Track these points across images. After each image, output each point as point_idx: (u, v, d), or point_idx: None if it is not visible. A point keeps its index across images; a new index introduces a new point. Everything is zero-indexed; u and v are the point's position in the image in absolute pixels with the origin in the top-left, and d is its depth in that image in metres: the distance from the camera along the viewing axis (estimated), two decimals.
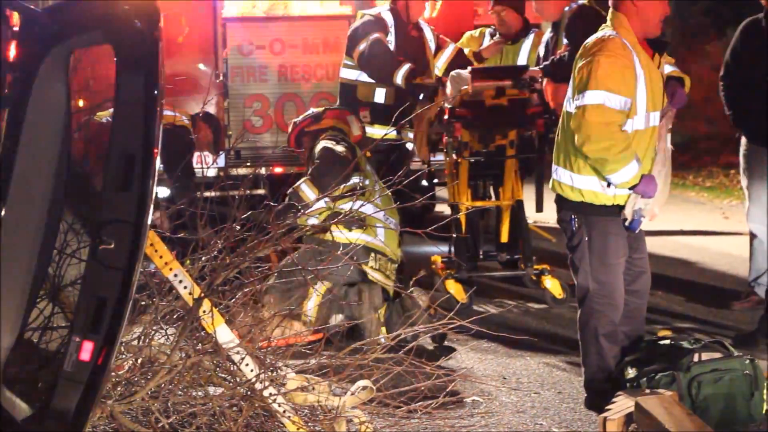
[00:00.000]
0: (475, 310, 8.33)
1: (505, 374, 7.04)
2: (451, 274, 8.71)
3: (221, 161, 10.67)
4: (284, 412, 5.33)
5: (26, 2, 4.45)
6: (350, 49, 9.31)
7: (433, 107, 8.90)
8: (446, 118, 8.76)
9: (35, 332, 5.27)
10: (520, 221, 9.02)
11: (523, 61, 9.37)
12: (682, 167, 17.01)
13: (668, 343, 6.13)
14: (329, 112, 8.51)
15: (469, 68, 8.92)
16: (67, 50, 4.42)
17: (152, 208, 4.22)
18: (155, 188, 4.24)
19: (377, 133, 8.93)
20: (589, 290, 6.23)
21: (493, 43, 9.62)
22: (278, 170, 10.76)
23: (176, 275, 5.23)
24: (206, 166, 10.09)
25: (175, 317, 5.55)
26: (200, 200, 5.65)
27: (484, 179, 9.24)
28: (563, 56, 8.28)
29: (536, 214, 9.40)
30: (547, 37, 8.95)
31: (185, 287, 5.24)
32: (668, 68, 6.44)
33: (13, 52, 4.36)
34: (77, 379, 4.15)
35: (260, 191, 10.49)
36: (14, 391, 4.31)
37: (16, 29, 4.40)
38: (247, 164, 10.69)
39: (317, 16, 11.11)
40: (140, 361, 5.38)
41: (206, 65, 10.90)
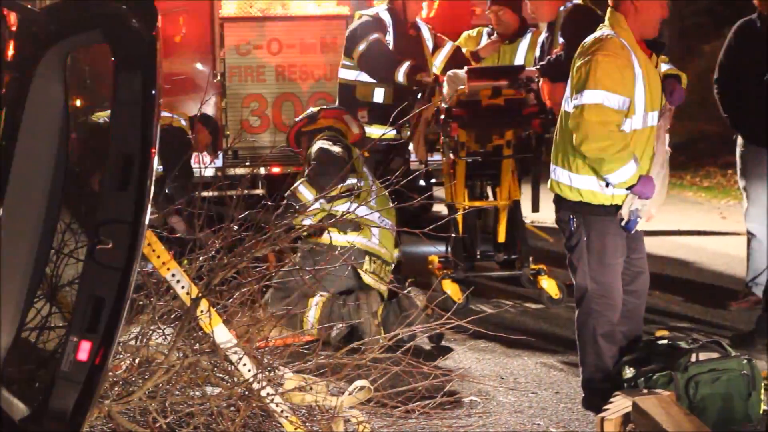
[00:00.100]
0: (472, 310, 8.33)
1: (502, 374, 7.04)
2: (447, 274, 8.71)
3: (219, 161, 10.67)
4: (282, 412, 5.33)
5: (24, 2, 4.45)
6: (349, 49, 9.30)
7: (430, 107, 8.90)
8: (443, 117, 8.77)
9: (33, 332, 5.27)
10: (517, 221, 9.01)
11: (520, 60, 9.36)
12: (679, 167, 17.02)
13: (666, 343, 6.14)
14: (324, 111, 8.49)
15: (465, 68, 8.91)
16: (64, 50, 4.42)
17: (150, 208, 4.22)
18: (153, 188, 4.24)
19: (376, 133, 8.93)
20: (587, 290, 6.23)
21: (489, 42, 9.61)
22: (276, 170, 10.75)
23: (174, 275, 5.23)
24: (204, 166, 10.09)
25: (172, 317, 5.55)
26: (198, 200, 5.66)
27: (481, 179, 9.24)
28: (559, 55, 8.29)
29: (533, 214, 9.40)
30: (542, 37, 8.96)
31: (183, 287, 5.24)
32: (664, 66, 6.45)
33: (10, 51, 4.36)
34: (75, 379, 4.15)
35: (258, 191, 10.49)
36: (12, 391, 4.31)
37: (13, 29, 4.40)
38: (246, 164, 10.68)
39: (315, 15, 11.10)
40: (138, 360, 5.38)
41: (204, 65, 10.90)
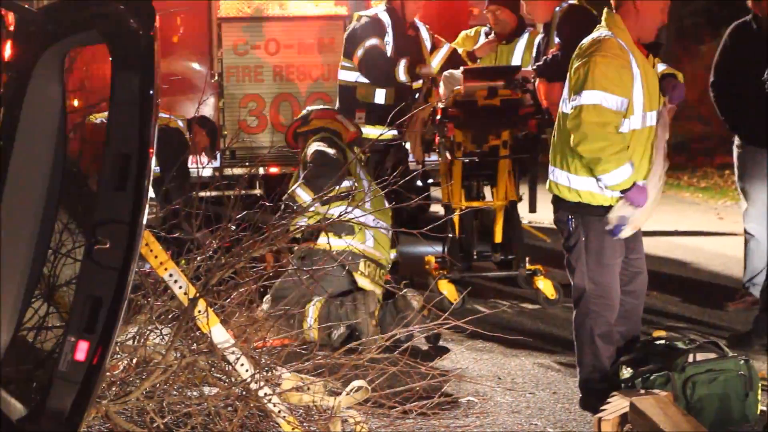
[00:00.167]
0: (470, 310, 8.33)
1: (500, 374, 7.04)
2: (443, 274, 8.71)
3: (217, 161, 10.66)
4: (279, 412, 5.33)
5: (22, 2, 4.45)
6: (348, 51, 9.28)
7: (426, 107, 8.90)
8: (438, 118, 8.77)
9: (31, 332, 5.27)
10: (513, 222, 9.02)
11: (517, 61, 9.36)
12: (676, 168, 17.02)
13: (663, 343, 6.14)
14: (316, 113, 8.47)
15: (461, 68, 8.92)
16: (62, 50, 4.42)
17: (147, 207, 4.22)
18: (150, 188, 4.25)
19: (376, 133, 8.92)
20: (585, 291, 6.23)
21: (486, 42, 9.60)
22: (274, 170, 10.75)
23: (171, 275, 5.23)
24: (202, 166, 10.08)
25: (170, 317, 5.54)
26: (195, 200, 5.66)
27: (477, 180, 9.24)
28: (555, 55, 8.30)
29: (530, 214, 9.40)
30: (538, 38, 8.96)
31: (180, 287, 5.24)
32: (660, 66, 6.46)
33: (8, 51, 4.36)
34: (72, 379, 4.15)
35: (256, 191, 10.48)
36: (10, 390, 4.31)
37: (11, 29, 4.40)
38: (245, 164, 10.67)
39: (312, 16, 11.11)
40: (135, 361, 5.38)
41: (201, 65, 10.90)
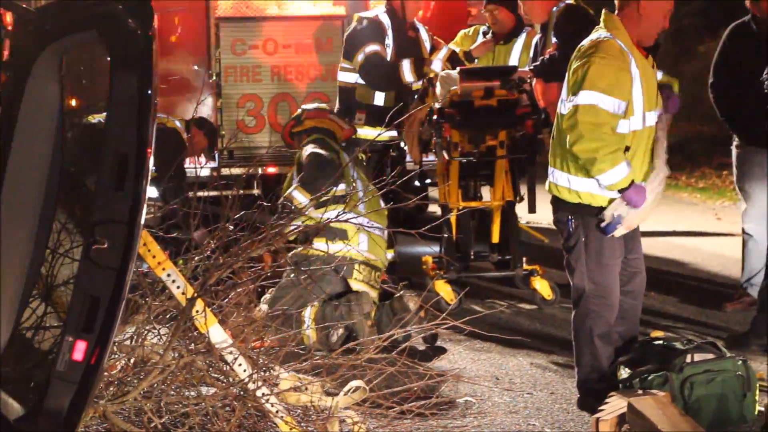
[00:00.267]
0: (467, 310, 8.33)
1: (497, 375, 7.04)
2: (440, 274, 8.71)
3: (215, 161, 10.66)
4: (277, 412, 5.33)
5: (19, 1, 4.45)
6: (348, 53, 9.27)
7: (423, 108, 8.90)
8: (435, 118, 8.77)
9: (28, 332, 5.26)
10: (510, 222, 9.01)
11: (514, 61, 9.36)
12: (674, 168, 16.95)
13: (661, 343, 6.14)
14: (307, 113, 8.45)
15: (458, 68, 8.92)
16: (60, 49, 4.42)
17: (145, 207, 4.22)
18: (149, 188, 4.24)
19: (374, 134, 8.91)
20: (585, 291, 6.23)
21: (482, 42, 9.60)
22: (272, 170, 10.75)
23: (169, 275, 5.23)
24: (199, 166, 10.08)
25: (167, 317, 5.54)
26: (193, 200, 5.65)
27: (474, 180, 9.24)
28: (553, 55, 8.30)
29: (529, 214, 9.39)
30: (536, 38, 8.96)
31: (178, 287, 5.24)
32: (657, 74, 6.45)
33: (6, 51, 4.36)
34: (70, 378, 4.15)
35: (254, 191, 10.48)
36: (7, 390, 4.31)
37: (9, 28, 4.40)
38: (244, 164, 10.66)
39: (310, 16, 11.10)
40: (133, 360, 5.37)
41: (199, 65, 10.89)
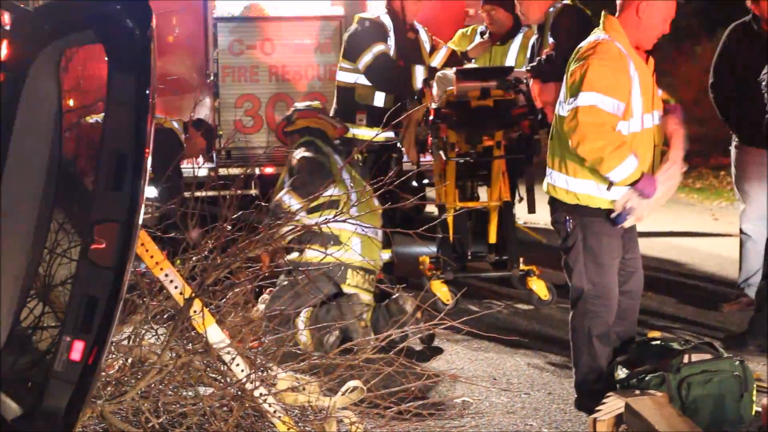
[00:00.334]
0: (465, 310, 8.32)
1: (495, 375, 7.04)
2: (436, 275, 8.71)
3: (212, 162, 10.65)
4: (275, 412, 5.33)
5: (17, 1, 4.44)
6: (350, 54, 9.24)
7: (420, 108, 8.90)
8: (431, 118, 8.78)
9: (26, 332, 5.26)
10: (507, 222, 9.01)
11: (511, 62, 9.37)
12: None
13: (658, 344, 6.15)
14: (299, 113, 8.42)
15: (454, 69, 8.93)
16: (58, 50, 4.41)
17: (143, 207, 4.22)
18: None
19: (372, 135, 8.90)
20: (583, 291, 6.24)
21: (479, 43, 9.61)
22: (269, 170, 10.74)
23: (167, 275, 5.23)
24: (197, 166, 10.07)
25: (165, 317, 5.55)
26: (191, 200, 5.65)
27: (472, 180, 9.24)
28: (550, 55, 8.31)
29: (529, 215, 9.39)
30: (533, 39, 8.96)
31: (176, 287, 5.24)
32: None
33: (4, 51, 4.35)
34: (67, 378, 4.14)
35: (252, 191, 10.47)
36: (5, 390, 4.31)
37: (6, 28, 4.40)
38: (242, 164, 10.65)
39: (308, 16, 11.10)
40: (130, 360, 5.38)
41: (197, 65, 10.88)
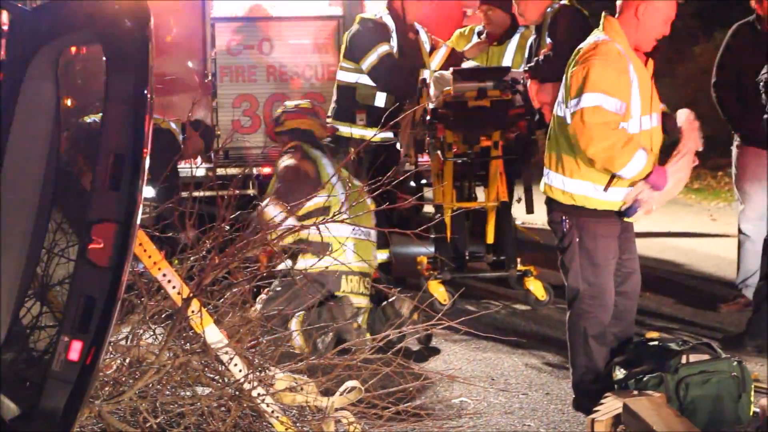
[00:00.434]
0: (462, 310, 8.32)
1: (493, 375, 7.04)
2: (433, 275, 8.71)
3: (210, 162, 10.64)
4: (273, 412, 5.33)
5: (15, 1, 4.44)
6: (352, 53, 9.23)
7: (418, 109, 8.90)
8: (428, 119, 8.78)
9: (24, 332, 5.25)
10: (505, 222, 9.01)
11: (508, 62, 9.37)
12: None
13: (656, 344, 6.15)
14: (286, 114, 8.39)
15: (451, 69, 8.93)
16: (56, 50, 4.41)
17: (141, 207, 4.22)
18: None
19: (371, 135, 8.89)
20: (579, 291, 6.24)
21: (475, 44, 9.61)
22: (267, 170, 10.73)
23: (165, 275, 5.23)
24: (195, 166, 10.06)
25: (163, 317, 5.54)
26: (188, 200, 5.65)
27: (469, 180, 9.24)
28: (547, 55, 8.30)
29: (527, 215, 9.38)
30: (530, 39, 8.96)
31: (174, 287, 5.23)
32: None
33: (2, 51, 4.35)
34: (65, 378, 4.14)
35: (249, 191, 10.47)
36: (3, 390, 4.30)
37: (4, 28, 4.39)
38: (240, 164, 10.65)
39: (306, 16, 11.10)
40: (128, 360, 5.37)
41: (195, 65, 10.88)
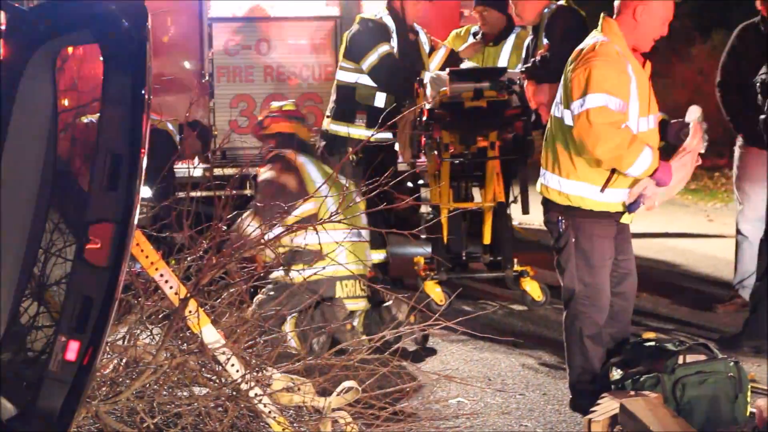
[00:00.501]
0: (459, 311, 8.33)
1: (490, 375, 7.04)
2: (430, 275, 8.71)
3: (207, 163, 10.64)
4: (270, 412, 5.33)
5: (13, 1, 4.44)
6: (352, 53, 9.23)
7: (415, 109, 8.90)
8: (425, 119, 8.78)
9: (21, 332, 5.26)
10: (502, 223, 9.01)
11: (504, 62, 9.37)
12: None
13: (653, 345, 6.15)
14: (268, 119, 8.33)
15: (447, 69, 8.94)
16: (54, 49, 4.41)
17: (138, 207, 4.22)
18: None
19: (377, 136, 8.87)
20: (575, 292, 6.25)
21: (470, 44, 9.61)
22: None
23: (162, 275, 5.23)
24: (192, 166, 10.06)
25: (160, 317, 5.54)
26: (186, 200, 5.65)
27: (466, 181, 9.25)
28: (544, 56, 8.31)
29: (523, 216, 9.38)
30: (528, 39, 8.97)
31: (171, 287, 5.23)
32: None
33: None
34: (63, 378, 4.14)
35: (247, 192, 10.46)
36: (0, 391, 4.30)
37: (2, 28, 4.39)
38: (237, 164, 10.63)
39: (303, 16, 11.10)
40: (125, 361, 5.37)
41: (192, 65, 10.87)
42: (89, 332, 4.13)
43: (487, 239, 9.06)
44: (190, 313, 5.22)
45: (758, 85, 7.43)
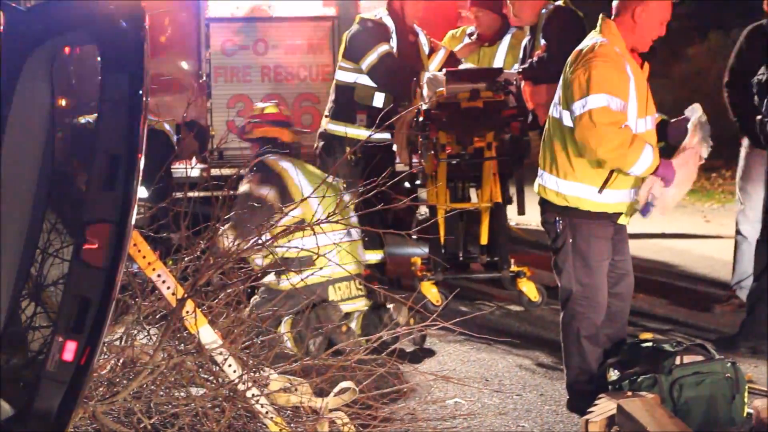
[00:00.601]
0: (456, 311, 8.32)
1: (487, 376, 7.04)
2: (426, 276, 8.71)
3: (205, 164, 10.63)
4: (267, 413, 5.33)
5: (11, 1, 4.44)
6: (351, 53, 9.22)
7: (412, 110, 8.90)
8: (421, 120, 8.78)
9: (18, 332, 5.25)
10: (499, 223, 9.02)
11: (499, 63, 9.38)
12: None
13: (650, 345, 6.16)
14: (251, 125, 8.29)
15: (444, 70, 8.94)
16: (51, 50, 4.41)
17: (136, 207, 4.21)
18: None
19: (374, 137, 8.87)
20: (572, 292, 6.25)
21: (465, 45, 9.62)
22: None
23: (159, 275, 5.22)
24: (189, 166, 10.06)
25: (158, 317, 5.54)
26: (183, 201, 5.65)
27: (463, 181, 9.25)
28: (542, 57, 8.31)
29: (519, 216, 9.39)
30: (525, 40, 8.97)
31: (168, 287, 5.23)
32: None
33: None
34: (60, 379, 4.14)
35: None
36: None
37: (0, 28, 4.39)
38: (234, 165, 10.62)
39: (300, 17, 11.10)
40: (122, 361, 5.36)
41: (189, 66, 10.87)
42: (86, 332, 4.12)
43: (484, 240, 9.06)
44: (187, 313, 5.22)
45: (755, 86, 7.43)
